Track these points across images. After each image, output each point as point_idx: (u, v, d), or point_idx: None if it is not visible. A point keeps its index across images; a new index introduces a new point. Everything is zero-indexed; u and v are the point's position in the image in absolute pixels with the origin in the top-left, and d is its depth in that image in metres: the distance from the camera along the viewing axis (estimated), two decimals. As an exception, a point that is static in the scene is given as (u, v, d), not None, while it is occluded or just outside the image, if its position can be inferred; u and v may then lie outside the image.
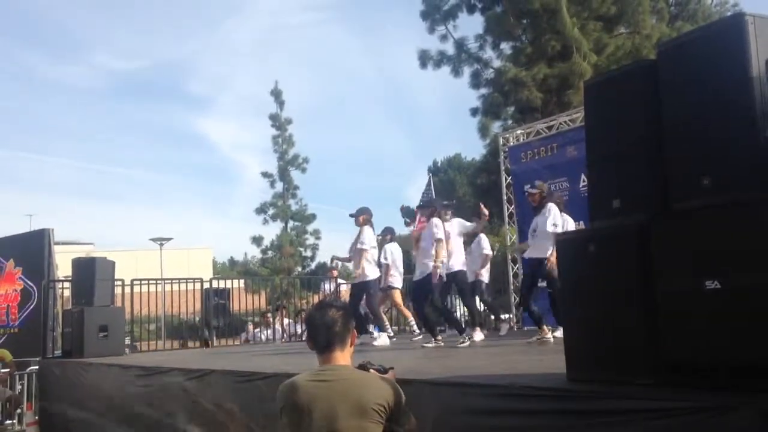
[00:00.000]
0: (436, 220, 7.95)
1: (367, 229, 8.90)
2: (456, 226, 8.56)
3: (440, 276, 7.68)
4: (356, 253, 8.86)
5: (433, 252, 7.71)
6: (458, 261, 8.32)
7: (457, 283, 8.44)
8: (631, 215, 3.22)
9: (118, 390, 7.06)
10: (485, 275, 10.20)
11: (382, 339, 8.55)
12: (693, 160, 2.99)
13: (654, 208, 3.13)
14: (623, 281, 3.13)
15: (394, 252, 9.54)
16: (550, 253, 7.17)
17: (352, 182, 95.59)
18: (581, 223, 9.94)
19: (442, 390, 3.82)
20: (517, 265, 12.59)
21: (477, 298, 10.35)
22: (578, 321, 3.43)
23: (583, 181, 10.97)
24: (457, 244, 8.44)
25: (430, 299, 7.84)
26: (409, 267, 9.89)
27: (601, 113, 3.57)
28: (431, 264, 7.72)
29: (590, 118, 3.72)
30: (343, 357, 2.82)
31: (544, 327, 7.51)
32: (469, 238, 9.68)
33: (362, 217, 8.97)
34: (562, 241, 3.76)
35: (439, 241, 7.71)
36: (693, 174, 2.97)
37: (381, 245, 9.50)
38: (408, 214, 10.79)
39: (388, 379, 2.86)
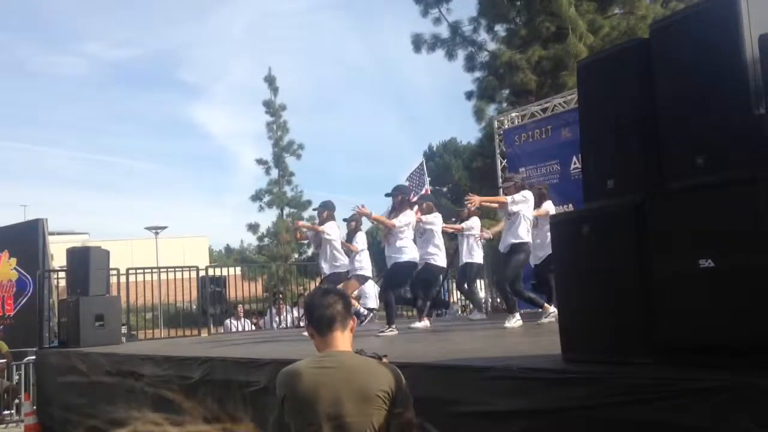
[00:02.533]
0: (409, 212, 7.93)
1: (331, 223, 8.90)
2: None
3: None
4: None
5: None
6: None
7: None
8: (625, 195, 3.20)
9: (115, 378, 7.06)
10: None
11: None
12: (687, 138, 2.98)
13: (648, 188, 3.11)
14: (618, 261, 3.12)
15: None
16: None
17: (346, 169, 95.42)
18: (570, 205, 9.99)
19: (438, 373, 3.81)
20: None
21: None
22: (573, 302, 3.42)
23: (574, 163, 10.99)
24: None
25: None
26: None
27: (594, 93, 3.54)
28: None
29: (584, 98, 3.70)
30: (344, 341, 2.78)
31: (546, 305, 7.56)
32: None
33: (326, 212, 8.94)
34: (556, 222, 3.74)
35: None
36: (687, 153, 2.95)
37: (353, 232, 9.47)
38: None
39: (390, 365, 2.83)
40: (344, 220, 9.33)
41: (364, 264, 8.84)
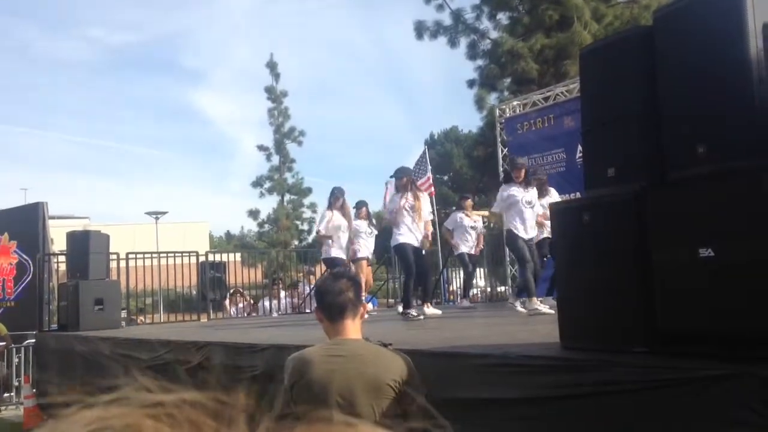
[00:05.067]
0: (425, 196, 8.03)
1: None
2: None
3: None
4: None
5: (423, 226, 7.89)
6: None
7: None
8: (626, 184, 3.19)
9: (114, 361, 7.08)
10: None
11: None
12: (689, 127, 2.96)
13: (649, 177, 3.10)
14: (618, 250, 3.11)
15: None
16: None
17: (348, 156, 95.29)
18: (577, 194, 9.97)
19: (438, 360, 3.81)
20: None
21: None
22: (573, 290, 3.42)
23: (580, 151, 10.95)
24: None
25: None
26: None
27: (596, 81, 3.53)
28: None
29: (586, 86, 3.68)
30: (355, 328, 2.73)
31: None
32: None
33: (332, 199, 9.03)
34: (557, 210, 3.73)
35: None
36: (688, 142, 2.94)
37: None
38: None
39: (401, 353, 2.80)
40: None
41: (361, 246, 9.23)
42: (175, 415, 0.44)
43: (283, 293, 13.51)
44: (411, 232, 7.80)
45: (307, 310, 11.66)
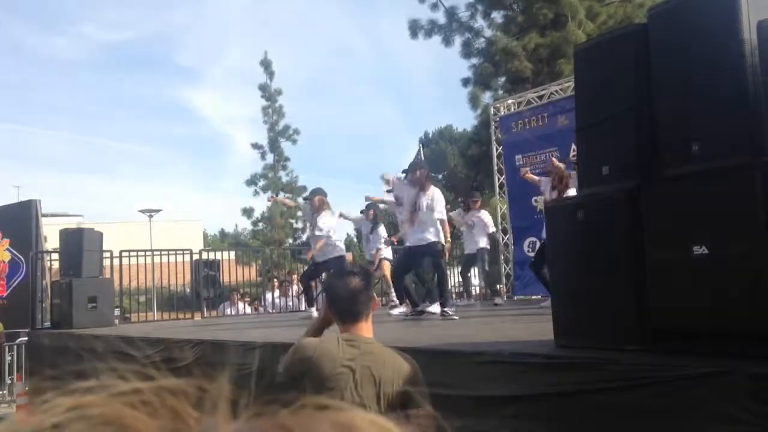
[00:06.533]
0: (437, 193, 7.50)
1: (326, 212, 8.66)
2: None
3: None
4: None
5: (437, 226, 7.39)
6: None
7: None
8: (620, 182, 3.19)
9: (106, 359, 7.06)
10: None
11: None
12: (683, 125, 2.97)
13: (644, 175, 3.10)
14: (612, 248, 3.12)
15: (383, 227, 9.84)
16: None
17: (342, 154, 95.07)
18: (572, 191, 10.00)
19: (432, 358, 3.81)
20: (508, 236, 12.61)
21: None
22: (566, 288, 3.42)
23: (574, 150, 10.97)
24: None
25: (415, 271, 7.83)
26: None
27: (591, 79, 3.53)
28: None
29: (580, 84, 3.68)
30: (368, 328, 2.68)
31: None
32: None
33: (317, 198, 8.65)
34: (551, 208, 3.74)
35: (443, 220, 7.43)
36: (683, 139, 2.94)
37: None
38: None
39: (407, 356, 2.79)
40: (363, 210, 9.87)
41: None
42: (154, 403, 0.42)
43: (277, 292, 13.49)
44: (410, 233, 7.55)
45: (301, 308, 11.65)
